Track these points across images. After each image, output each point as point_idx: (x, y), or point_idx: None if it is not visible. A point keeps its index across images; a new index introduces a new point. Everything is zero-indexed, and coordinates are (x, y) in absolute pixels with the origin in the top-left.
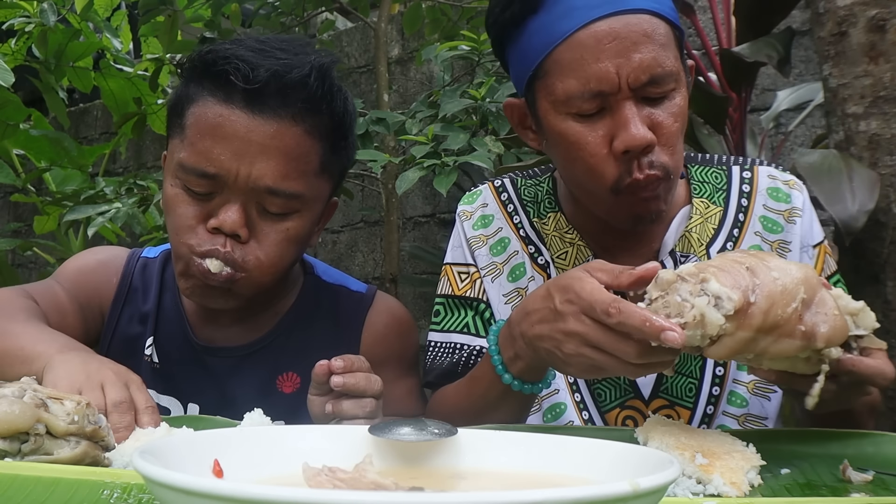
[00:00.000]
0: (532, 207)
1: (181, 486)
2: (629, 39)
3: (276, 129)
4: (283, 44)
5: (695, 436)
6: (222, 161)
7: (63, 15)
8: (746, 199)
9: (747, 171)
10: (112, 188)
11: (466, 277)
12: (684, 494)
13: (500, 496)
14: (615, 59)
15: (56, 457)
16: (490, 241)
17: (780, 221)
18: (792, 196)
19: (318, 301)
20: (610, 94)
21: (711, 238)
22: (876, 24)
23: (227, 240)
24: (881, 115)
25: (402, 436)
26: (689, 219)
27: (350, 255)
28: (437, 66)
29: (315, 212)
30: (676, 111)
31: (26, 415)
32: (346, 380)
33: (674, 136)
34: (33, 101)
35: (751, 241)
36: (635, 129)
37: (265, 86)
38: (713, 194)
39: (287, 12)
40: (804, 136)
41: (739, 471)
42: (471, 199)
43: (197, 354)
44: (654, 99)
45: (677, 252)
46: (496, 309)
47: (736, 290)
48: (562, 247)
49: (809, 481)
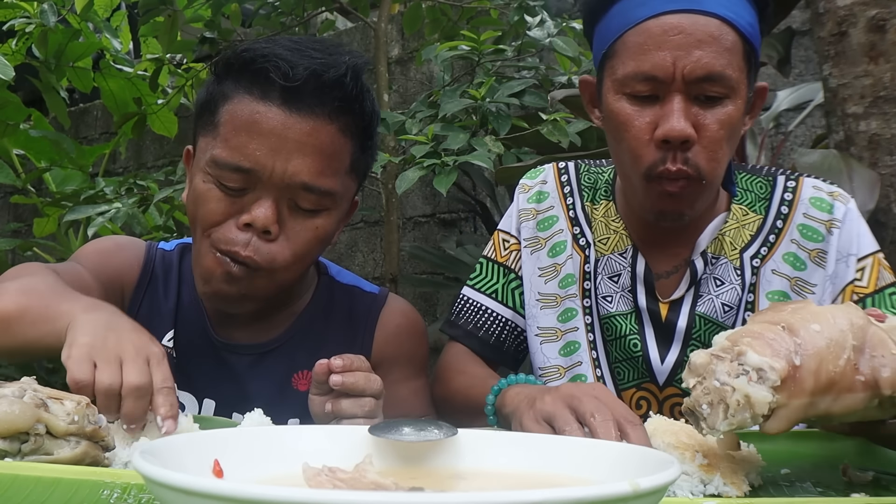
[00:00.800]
0: (588, 192)
1: (181, 486)
2: (693, 36)
3: (312, 127)
4: (316, 44)
5: (695, 436)
6: (258, 156)
7: (63, 15)
8: (787, 208)
9: (792, 182)
10: (112, 188)
11: (509, 246)
12: (684, 495)
13: (500, 496)
14: (675, 51)
15: (56, 457)
16: (540, 216)
17: (820, 230)
18: (834, 207)
19: (333, 301)
20: (663, 83)
21: (747, 244)
22: (876, 24)
23: (252, 240)
24: (881, 115)
25: (402, 436)
26: (725, 223)
27: (350, 255)
28: (437, 66)
29: (343, 210)
30: (724, 119)
31: (26, 415)
32: (344, 379)
33: (716, 142)
34: (33, 101)
35: (786, 248)
36: (677, 121)
37: (303, 84)
38: (755, 203)
39: (287, 12)
40: (804, 136)
41: (740, 471)
42: (533, 175)
43: (216, 350)
44: (706, 101)
45: (709, 253)
46: (528, 280)
47: (777, 357)
48: (605, 233)
49: (809, 481)
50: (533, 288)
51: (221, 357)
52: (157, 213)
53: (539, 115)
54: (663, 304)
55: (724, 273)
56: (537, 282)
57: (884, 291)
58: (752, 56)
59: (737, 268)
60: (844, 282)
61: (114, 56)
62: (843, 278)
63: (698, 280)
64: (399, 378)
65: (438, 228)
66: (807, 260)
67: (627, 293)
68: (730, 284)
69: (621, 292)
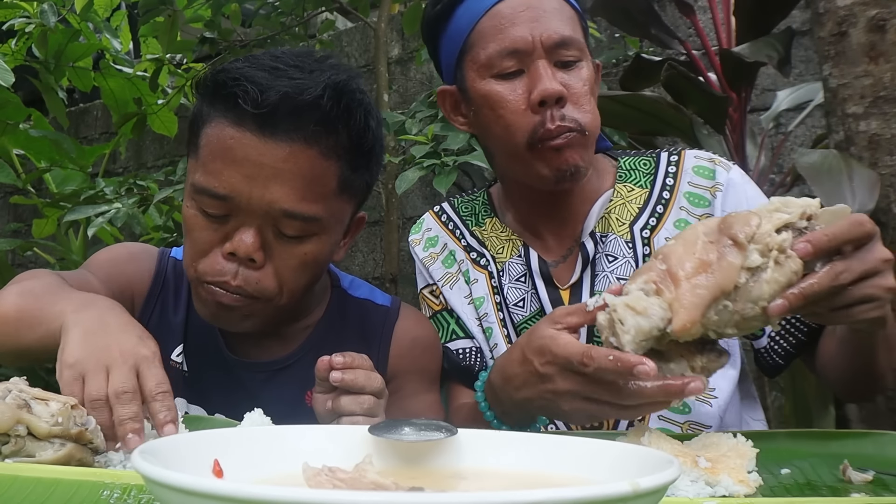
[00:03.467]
0: (470, 219)
1: (181, 486)
2: (541, 9)
3: (288, 153)
4: (298, 60)
5: (689, 444)
6: (234, 183)
7: (63, 15)
8: (672, 179)
9: (675, 156)
10: (112, 188)
11: (436, 293)
12: (685, 495)
13: (500, 496)
14: (529, 24)
15: (38, 459)
16: (440, 256)
17: (705, 196)
18: (716, 172)
19: (346, 316)
20: (525, 54)
21: (635, 217)
22: (876, 24)
23: (239, 269)
24: (881, 115)
25: (402, 436)
26: (610, 201)
27: (350, 255)
28: None
29: (335, 232)
30: (585, 77)
31: (6, 416)
32: (344, 375)
33: (583, 97)
34: (33, 101)
35: (676, 215)
36: (549, 82)
37: (276, 108)
38: (639, 179)
39: (287, 12)
40: (804, 136)
41: (742, 468)
42: (417, 229)
43: (227, 366)
44: (564, 66)
45: (597, 233)
46: (461, 311)
47: (647, 275)
48: (498, 244)
49: (809, 481)
50: (468, 316)
51: (233, 373)
52: (157, 213)
53: None
54: (563, 290)
55: (614, 249)
56: (468, 309)
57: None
58: (584, 22)
59: (627, 241)
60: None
61: (114, 56)
62: None
63: (592, 260)
64: (413, 391)
65: None
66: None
67: (531, 290)
68: (623, 258)
69: (528, 290)
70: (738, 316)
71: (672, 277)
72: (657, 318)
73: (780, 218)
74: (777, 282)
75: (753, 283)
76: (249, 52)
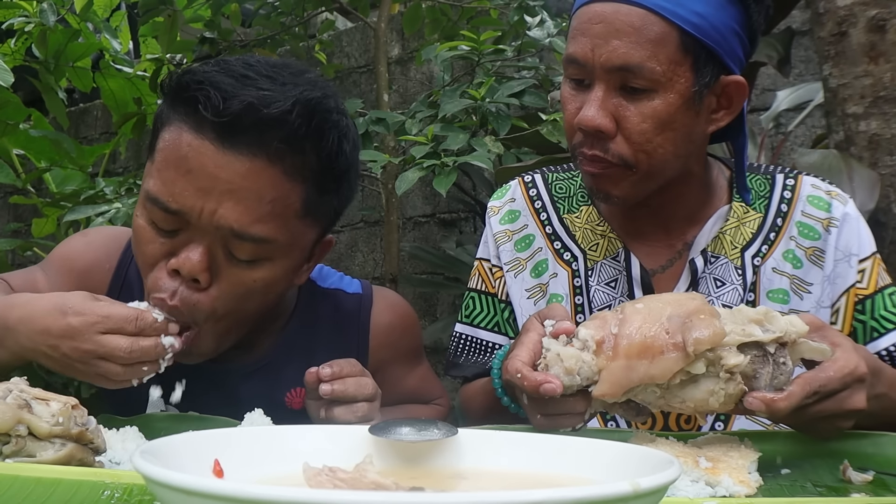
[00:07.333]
0: (563, 203)
1: (181, 486)
2: (613, 26)
3: (248, 168)
4: (273, 70)
5: (690, 445)
6: (185, 196)
7: (62, 15)
8: (787, 206)
9: (791, 179)
10: (112, 188)
11: (495, 274)
12: (685, 495)
13: (500, 496)
14: (594, 39)
15: (39, 459)
16: (515, 236)
17: (818, 228)
18: (832, 206)
19: (317, 310)
20: (586, 69)
21: (748, 242)
22: (876, 24)
23: (179, 288)
24: (881, 115)
25: (402, 436)
26: (726, 220)
27: (350, 255)
28: (437, 66)
29: (293, 258)
30: (648, 112)
31: (6, 416)
32: (334, 387)
33: (640, 134)
34: (33, 101)
35: (786, 245)
36: (588, 109)
37: (238, 119)
38: (755, 200)
39: (287, 12)
40: (804, 136)
41: (743, 469)
42: (500, 195)
43: (201, 369)
44: (631, 92)
45: (708, 252)
46: (517, 304)
47: (599, 329)
48: (593, 239)
49: (809, 481)
50: (524, 312)
51: (208, 375)
52: None
53: (539, 115)
54: None
55: (724, 273)
56: (526, 304)
57: (883, 292)
58: (696, 48)
59: (738, 267)
60: (847, 283)
61: (113, 56)
62: (844, 279)
63: (697, 279)
64: (403, 373)
65: (438, 228)
66: (803, 258)
67: (625, 298)
68: (731, 285)
69: (619, 297)
70: (662, 401)
71: (615, 348)
72: (582, 378)
73: (751, 335)
74: (716, 393)
75: (691, 385)
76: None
